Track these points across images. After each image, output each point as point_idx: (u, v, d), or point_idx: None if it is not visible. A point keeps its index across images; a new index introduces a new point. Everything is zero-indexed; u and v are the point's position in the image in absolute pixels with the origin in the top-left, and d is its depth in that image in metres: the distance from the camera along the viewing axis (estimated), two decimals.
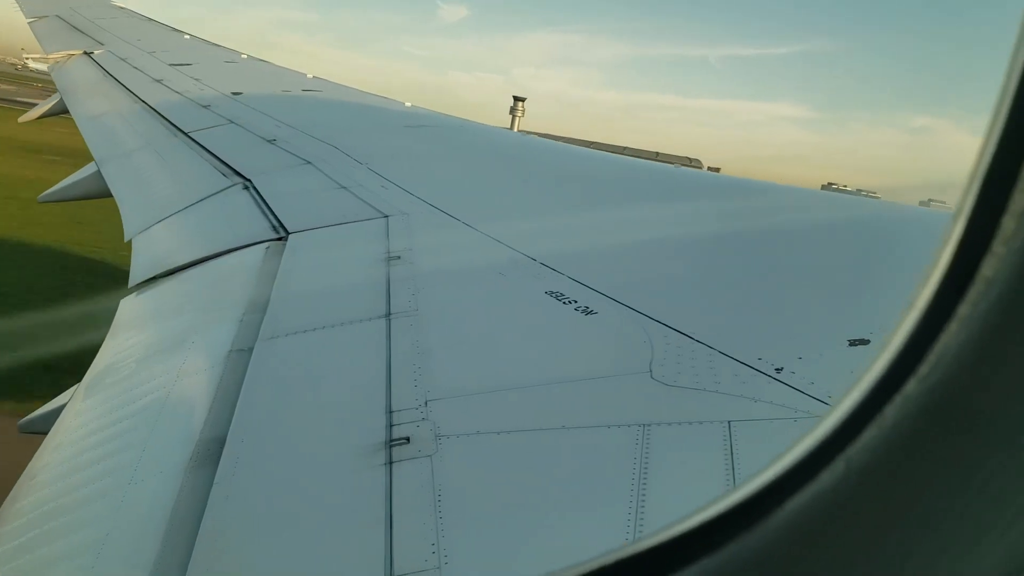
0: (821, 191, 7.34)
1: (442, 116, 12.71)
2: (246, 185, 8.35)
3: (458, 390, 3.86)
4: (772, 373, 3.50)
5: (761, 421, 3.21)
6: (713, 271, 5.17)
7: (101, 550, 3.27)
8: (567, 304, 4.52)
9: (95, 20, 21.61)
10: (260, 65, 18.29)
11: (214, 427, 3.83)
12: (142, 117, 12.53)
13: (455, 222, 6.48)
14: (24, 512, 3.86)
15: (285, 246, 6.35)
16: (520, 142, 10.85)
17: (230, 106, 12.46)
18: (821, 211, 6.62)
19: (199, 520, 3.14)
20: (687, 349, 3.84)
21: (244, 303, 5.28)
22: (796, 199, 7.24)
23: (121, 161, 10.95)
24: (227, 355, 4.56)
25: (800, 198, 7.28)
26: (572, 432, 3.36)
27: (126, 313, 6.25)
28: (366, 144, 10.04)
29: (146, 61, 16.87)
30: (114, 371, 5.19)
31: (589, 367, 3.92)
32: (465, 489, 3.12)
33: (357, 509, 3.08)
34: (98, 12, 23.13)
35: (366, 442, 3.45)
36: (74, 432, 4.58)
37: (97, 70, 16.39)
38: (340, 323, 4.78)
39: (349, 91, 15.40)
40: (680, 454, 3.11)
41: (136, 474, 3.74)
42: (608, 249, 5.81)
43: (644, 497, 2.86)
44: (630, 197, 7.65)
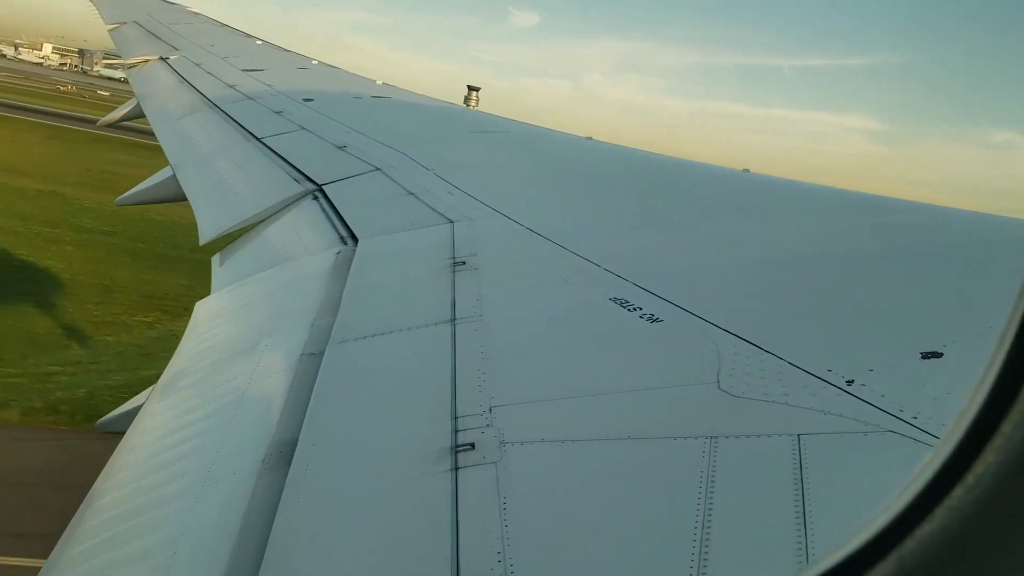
0: (895, 199, 7.14)
1: (509, 122, 12.76)
2: (317, 191, 8.52)
3: (522, 397, 3.88)
4: (843, 385, 3.44)
5: (832, 435, 3.16)
6: (782, 279, 5.09)
7: (176, 549, 3.38)
8: (632, 311, 4.50)
9: (171, 26, 22.24)
10: (330, 71, 18.59)
11: (286, 430, 3.91)
12: (216, 122, 12.85)
13: (520, 228, 6.51)
14: (102, 511, 3.99)
15: (355, 252, 6.46)
16: (586, 147, 10.82)
17: (301, 112, 12.71)
18: (895, 218, 6.47)
19: (271, 521, 3.22)
20: (756, 359, 3.79)
21: (315, 307, 5.39)
22: (869, 206, 7.08)
23: (196, 165, 11.26)
24: (299, 359, 4.66)
25: (873, 205, 7.12)
26: (637, 443, 3.35)
27: (201, 316, 6.43)
28: (433, 150, 10.14)
29: (220, 66, 17.29)
30: (189, 373, 5.34)
31: (655, 376, 3.90)
32: (530, 498, 3.13)
33: (423, 514, 3.12)
34: (174, 17, 23.81)
35: (432, 447, 3.49)
36: (150, 433, 4.72)
37: (172, 75, 16.85)
38: (407, 328, 4.85)
39: (417, 97, 15.56)
40: (748, 467, 3.08)
41: (211, 475, 3.84)
42: (674, 255, 5.76)
43: (711, 511, 2.84)
44: (697, 202, 7.58)
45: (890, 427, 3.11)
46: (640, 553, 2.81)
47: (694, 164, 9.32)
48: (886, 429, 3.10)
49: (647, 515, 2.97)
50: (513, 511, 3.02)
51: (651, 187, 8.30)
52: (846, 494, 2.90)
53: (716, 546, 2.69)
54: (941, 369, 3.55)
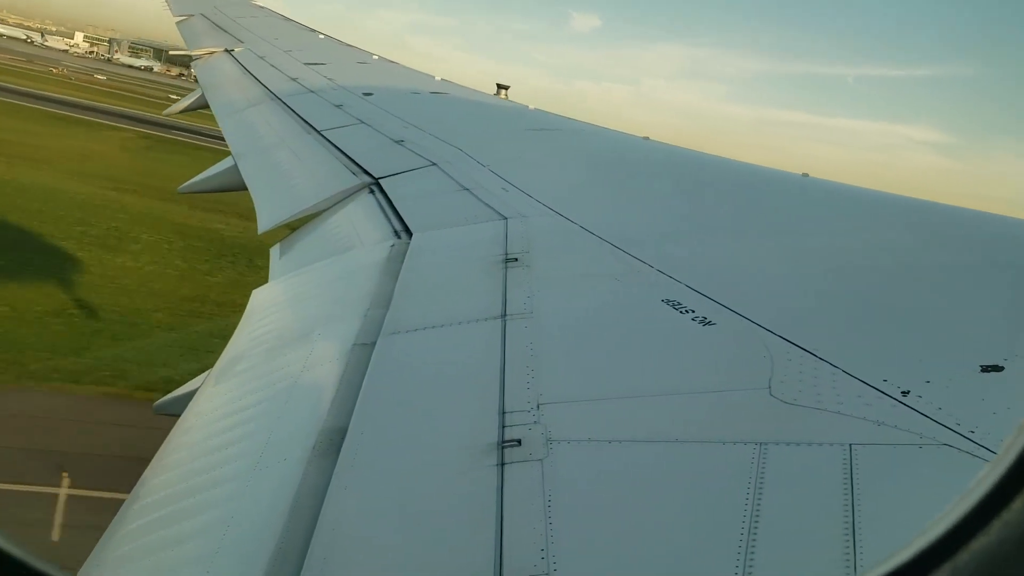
0: (959, 207, 6.96)
1: (565, 120, 12.74)
2: (374, 185, 8.61)
3: (570, 395, 3.88)
4: (898, 396, 3.38)
5: (885, 446, 3.11)
6: (838, 285, 5.01)
7: (226, 531, 3.44)
8: (684, 313, 4.47)
9: (237, 19, 22.66)
10: (390, 66, 18.78)
11: (336, 418, 3.97)
12: (277, 114, 13.07)
13: (573, 226, 6.50)
14: (156, 490, 4.10)
15: (409, 245, 6.52)
16: (642, 147, 10.76)
17: (361, 106, 12.86)
18: (958, 228, 6.32)
19: (319, 508, 3.26)
20: (809, 366, 3.73)
21: (368, 299, 5.45)
22: (932, 214, 6.92)
23: (257, 156, 11.48)
24: (351, 349, 4.71)
25: (936, 213, 6.96)
26: (686, 446, 3.33)
27: (257, 304, 6.55)
28: (489, 147, 10.18)
29: (283, 59, 17.57)
30: (244, 359, 5.44)
31: (705, 380, 3.87)
32: (575, 496, 3.13)
33: (469, 508, 3.14)
34: (240, 11, 24.25)
35: (479, 441, 3.51)
36: (204, 416, 4.83)
37: (237, 67, 17.17)
38: (457, 322, 4.88)
39: (475, 94, 15.63)
40: (797, 476, 3.04)
41: (262, 460, 3.91)
42: (728, 258, 5.70)
43: (757, 518, 2.81)
44: (753, 205, 7.49)
45: (946, 441, 3.05)
46: (684, 557, 2.79)
47: (752, 167, 9.21)
48: (942, 443, 3.04)
49: (693, 519, 2.95)
50: (557, 509, 3.02)
51: (707, 189, 8.22)
52: (898, 508, 2.84)
53: (762, 554, 2.66)
54: (1001, 383, 3.46)
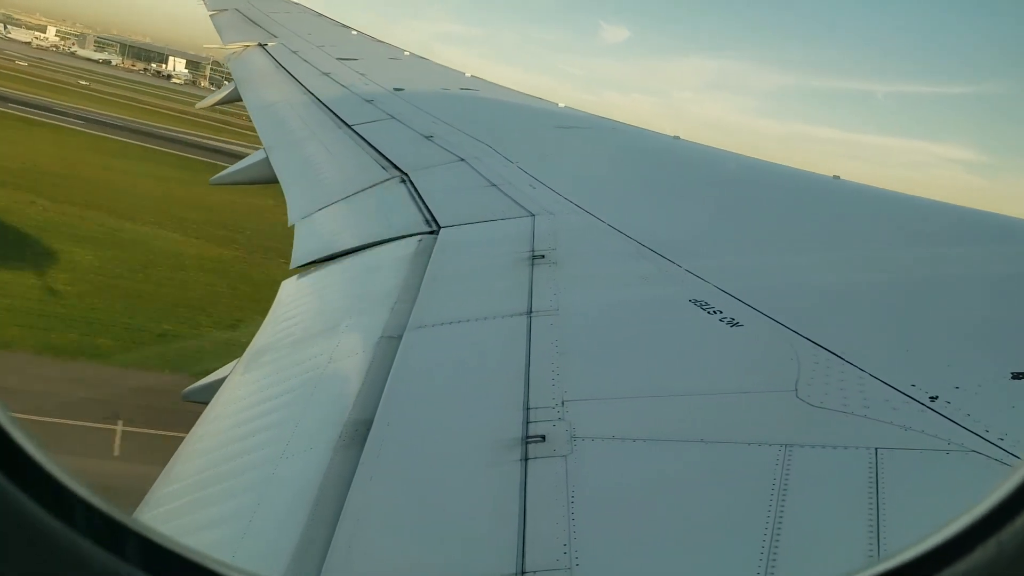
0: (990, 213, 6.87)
1: (594, 117, 12.72)
2: (403, 179, 8.65)
3: (595, 393, 3.88)
4: (926, 401, 3.35)
5: (911, 451, 3.08)
6: (868, 289, 4.97)
7: (252, 518, 3.48)
8: (712, 314, 4.45)
9: (270, 14, 22.82)
10: (421, 63, 18.85)
11: (362, 409, 4.00)
12: (309, 108, 13.15)
13: (601, 223, 6.49)
14: (184, 476, 4.15)
15: (436, 240, 6.55)
16: (671, 146, 10.71)
17: (392, 102, 12.91)
18: (989, 233, 6.24)
19: (344, 497, 3.29)
20: (836, 369, 3.71)
21: (396, 292, 5.48)
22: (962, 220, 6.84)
23: (288, 149, 11.56)
24: (377, 341, 4.75)
25: (967, 219, 6.87)
26: (710, 446, 3.32)
27: (286, 295, 6.61)
28: (518, 143, 10.19)
29: (315, 54, 17.68)
30: (272, 349, 5.50)
31: (732, 381, 3.86)
32: (598, 493, 3.14)
33: (492, 501, 3.15)
34: (273, 6, 24.41)
35: (503, 436, 3.53)
36: (233, 404, 4.88)
37: (270, 61, 17.30)
38: (483, 317, 4.90)
39: (504, 91, 15.64)
40: (822, 478, 3.03)
41: (288, 449, 3.95)
42: (757, 259, 5.67)
43: (781, 519, 2.80)
44: (782, 206, 7.44)
45: (974, 447, 3.02)
46: (706, 557, 2.79)
47: (782, 167, 9.14)
48: (970, 449, 3.01)
49: (716, 520, 2.94)
50: (580, 505, 3.03)
51: (737, 189, 8.17)
52: (923, 513, 2.82)
53: (784, 555, 2.65)
54: None
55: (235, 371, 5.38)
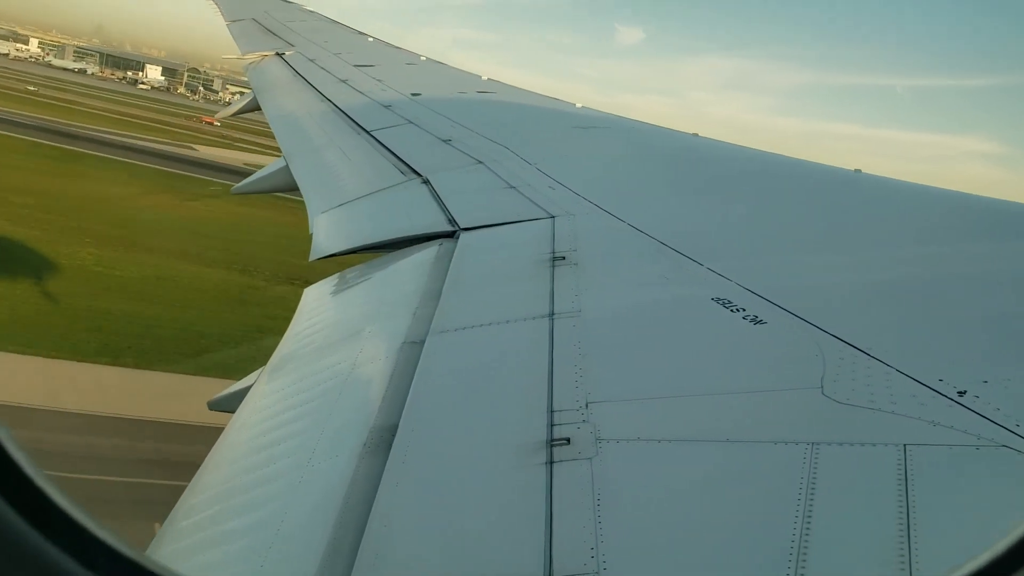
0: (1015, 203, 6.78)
1: (612, 117, 12.68)
2: (423, 183, 8.67)
3: (619, 394, 3.87)
4: (954, 396, 3.31)
5: (940, 447, 3.05)
6: (892, 283, 4.92)
7: (280, 527, 3.50)
8: (735, 312, 4.42)
9: (287, 23, 22.96)
10: (438, 67, 18.88)
11: (387, 415, 4.01)
12: (327, 115, 13.22)
13: (621, 224, 6.47)
14: (212, 485, 4.18)
15: (456, 243, 6.56)
16: (690, 143, 10.66)
17: (409, 106, 12.95)
18: (1014, 224, 6.16)
19: (371, 504, 3.30)
20: (862, 365, 3.68)
21: (417, 297, 5.49)
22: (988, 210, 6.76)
23: (308, 157, 11.62)
24: (400, 347, 4.76)
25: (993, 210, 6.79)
26: (736, 446, 3.30)
27: (309, 302, 6.64)
28: (536, 145, 10.18)
29: (332, 62, 17.75)
30: (296, 357, 5.52)
31: (756, 379, 3.83)
32: (624, 495, 3.12)
33: (518, 506, 3.15)
34: (290, 15, 24.57)
35: (528, 440, 3.52)
36: (258, 413, 4.91)
37: (287, 70, 17.40)
38: (505, 321, 4.89)
39: (521, 93, 15.63)
40: (850, 476, 3.00)
41: (314, 456, 3.97)
42: (779, 255, 5.64)
43: (810, 519, 2.78)
44: (803, 201, 7.38)
45: (1004, 442, 2.98)
46: (735, 558, 2.77)
47: (803, 162, 9.07)
48: (1000, 444, 2.97)
49: (743, 520, 2.92)
50: (607, 508, 3.02)
51: (757, 185, 8.12)
52: (954, 509, 2.79)
53: (814, 554, 2.63)
54: None
55: (260, 380, 5.41)
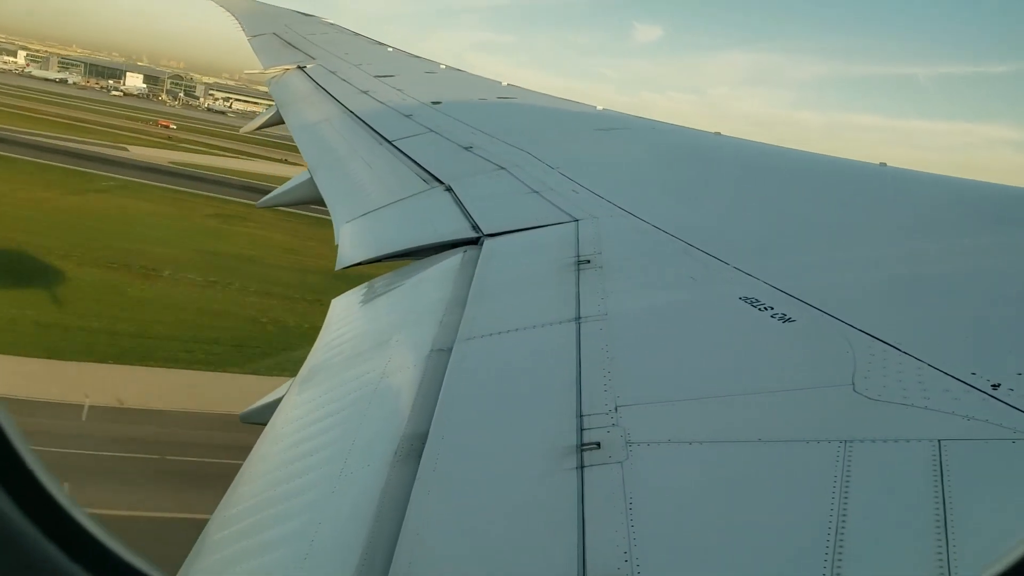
0: None
1: (633, 118, 12.66)
2: (446, 190, 8.71)
3: (648, 397, 3.85)
4: (988, 390, 3.27)
5: (975, 441, 3.01)
6: (921, 277, 4.86)
7: (314, 538, 3.53)
8: (763, 311, 4.40)
9: (307, 36, 23.15)
10: (458, 75, 18.96)
11: (417, 424, 4.03)
12: (350, 126, 13.31)
13: (645, 225, 6.45)
14: (247, 497, 4.22)
15: (480, 250, 6.57)
16: (713, 142, 10.62)
17: (430, 115, 13.01)
18: None
19: (403, 513, 3.32)
20: (893, 361, 3.64)
21: (443, 305, 5.51)
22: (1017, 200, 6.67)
23: (331, 168, 11.70)
24: (428, 354, 4.78)
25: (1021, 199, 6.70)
26: (768, 445, 3.28)
27: (337, 312, 6.69)
28: (557, 149, 10.18)
29: (353, 73, 17.88)
30: (325, 367, 5.56)
31: (787, 378, 3.80)
32: (657, 498, 3.11)
33: (550, 511, 3.15)
34: (310, 28, 24.78)
35: (558, 445, 3.52)
36: (289, 424, 4.95)
37: (309, 83, 17.54)
38: (532, 326, 4.89)
39: (541, 97, 15.65)
40: (885, 473, 2.97)
41: (346, 466, 3.99)
42: (806, 253, 5.60)
43: (844, 517, 2.76)
44: (829, 197, 7.33)
45: None
46: (770, 559, 2.75)
47: (827, 158, 9.00)
48: None
49: (778, 520, 2.90)
50: (639, 511, 3.01)
51: (782, 182, 8.07)
52: (992, 504, 2.76)
53: (850, 554, 2.61)
54: None
55: (290, 391, 5.45)
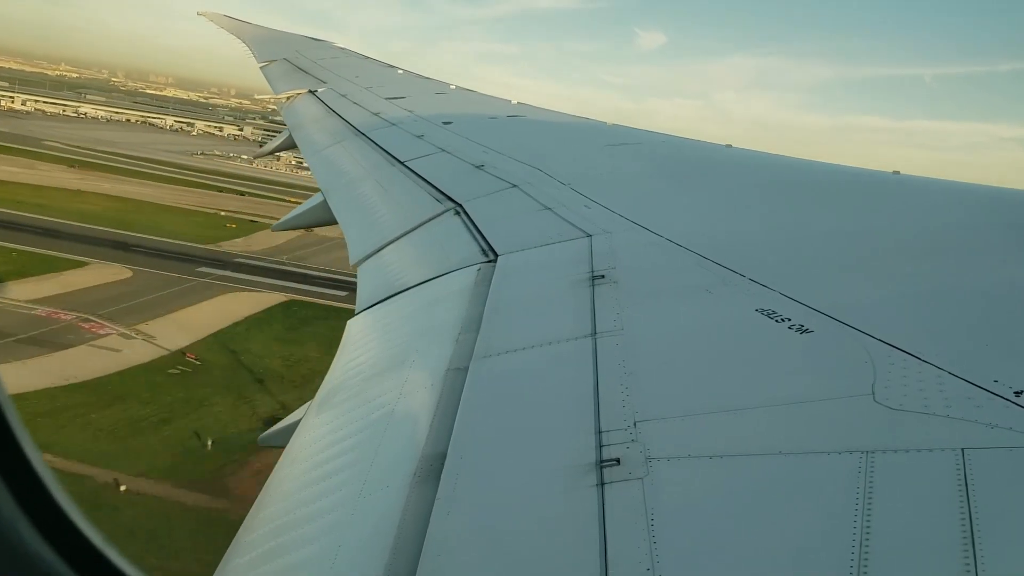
0: None
1: (643, 132, 12.68)
2: (458, 210, 8.73)
3: (667, 411, 3.83)
4: (1010, 397, 3.24)
5: (999, 449, 2.98)
6: (939, 285, 4.83)
7: (335, 560, 3.52)
8: (780, 322, 4.38)
9: (318, 61, 23.36)
10: (467, 95, 19.06)
11: (435, 443, 4.02)
12: (362, 148, 13.39)
13: (659, 239, 6.44)
14: (267, 521, 4.22)
15: (495, 268, 6.58)
16: (724, 154, 10.61)
17: (441, 135, 13.08)
18: None
19: (423, 534, 3.31)
20: (913, 370, 3.62)
21: (459, 323, 5.52)
22: None
23: (344, 190, 11.77)
24: (445, 373, 4.78)
25: None
26: (789, 458, 3.25)
27: (353, 333, 6.70)
28: (569, 165, 10.21)
29: (364, 96, 18.02)
30: (343, 389, 5.57)
31: (806, 389, 3.78)
32: (678, 514, 3.09)
33: (572, 529, 3.13)
34: (321, 53, 25.02)
35: (577, 462, 3.51)
36: (308, 447, 4.95)
37: (321, 106, 17.68)
38: (548, 343, 4.89)
39: (551, 114, 15.71)
40: (908, 483, 2.94)
41: (366, 487, 3.99)
42: (821, 263, 5.57)
43: (869, 528, 2.73)
44: (843, 206, 7.30)
45: None
46: (793, 573, 2.73)
47: (840, 167, 8.97)
48: None
49: (801, 533, 2.88)
50: (661, 527, 2.99)
51: (795, 193, 8.05)
52: (1019, 513, 2.72)
53: (875, 567, 2.58)
54: None
55: (308, 413, 5.46)
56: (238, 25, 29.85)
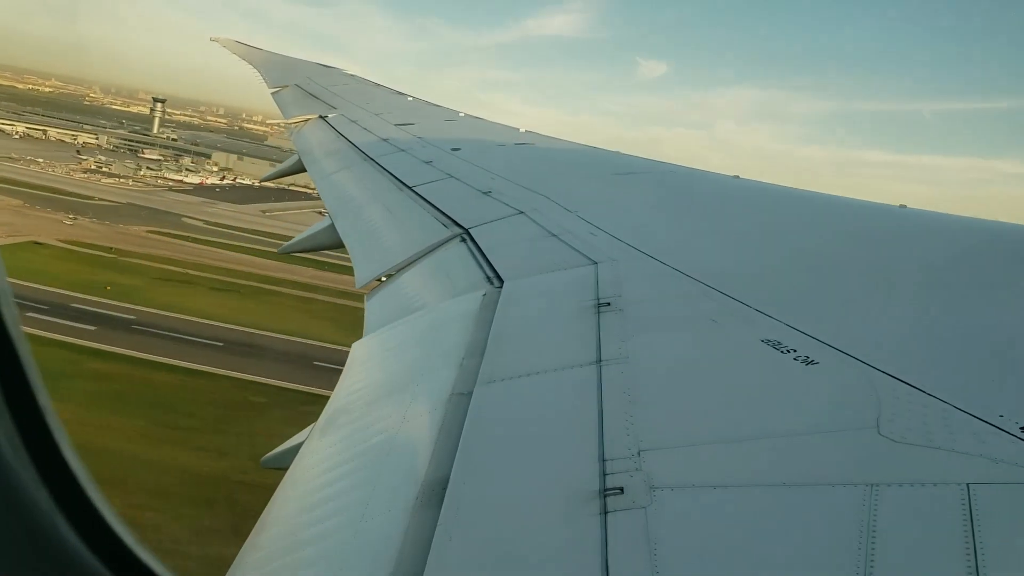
0: None
1: (650, 162, 12.73)
2: (464, 236, 8.76)
3: (671, 440, 3.82)
4: (1016, 432, 3.23)
5: (1006, 484, 2.96)
6: (945, 319, 4.82)
7: None
8: (785, 353, 4.37)
9: (328, 87, 23.56)
10: (476, 122, 19.18)
11: (437, 469, 4.01)
12: (370, 173, 13.46)
13: (665, 268, 6.45)
14: (267, 544, 4.20)
15: (500, 293, 6.58)
16: (731, 185, 10.64)
17: (449, 161, 13.15)
18: None
19: (424, 559, 3.29)
20: (918, 403, 3.60)
21: (463, 348, 5.51)
22: None
23: (352, 215, 11.83)
24: (448, 398, 4.77)
25: None
26: (793, 490, 3.23)
27: (357, 356, 6.69)
28: (575, 193, 10.24)
29: (374, 122, 18.15)
30: (346, 412, 5.56)
31: (811, 421, 3.77)
32: (681, 544, 3.07)
33: (574, 557, 3.11)
34: (331, 80, 25.23)
35: (580, 490, 3.49)
36: (310, 470, 4.93)
37: (330, 132, 17.80)
38: (552, 369, 4.88)
39: (558, 142, 15.80)
40: (913, 517, 2.92)
41: (367, 512, 3.97)
42: (828, 295, 5.57)
43: (872, 563, 2.71)
44: (850, 239, 7.30)
45: None
46: None
47: (847, 200, 8.99)
48: None
49: (804, 565, 2.86)
50: (664, 557, 2.97)
51: (802, 224, 8.06)
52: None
53: None
54: None
55: (311, 436, 5.44)
56: (249, 51, 30.15)
